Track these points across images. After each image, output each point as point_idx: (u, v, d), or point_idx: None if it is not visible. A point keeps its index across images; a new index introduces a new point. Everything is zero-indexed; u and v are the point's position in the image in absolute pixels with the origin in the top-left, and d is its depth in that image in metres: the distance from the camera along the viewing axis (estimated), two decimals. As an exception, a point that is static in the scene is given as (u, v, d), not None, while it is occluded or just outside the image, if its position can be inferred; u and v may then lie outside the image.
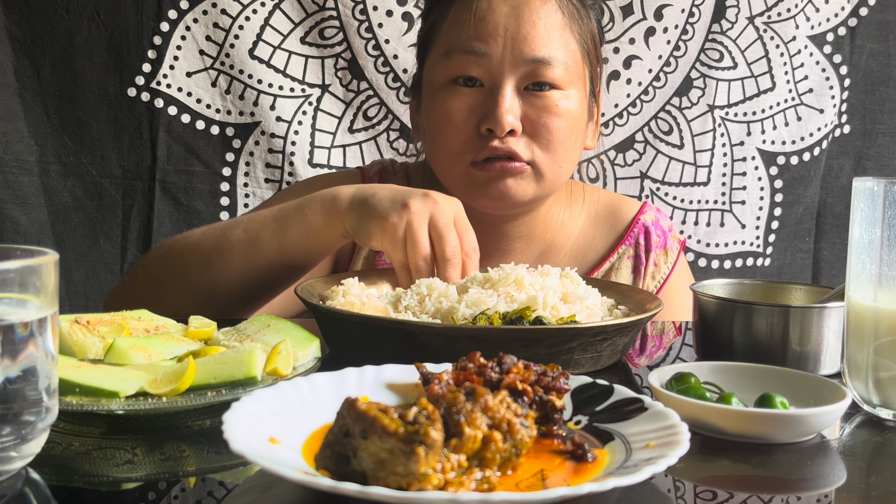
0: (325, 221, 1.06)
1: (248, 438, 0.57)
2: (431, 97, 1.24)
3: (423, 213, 1.01)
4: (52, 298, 0.61)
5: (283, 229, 1.08)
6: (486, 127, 1.18)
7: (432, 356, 0.81)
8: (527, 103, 1.19)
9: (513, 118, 1.17)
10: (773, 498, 0.62)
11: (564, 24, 1.21)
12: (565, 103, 1.20)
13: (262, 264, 1.09)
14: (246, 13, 1.77)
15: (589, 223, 1.40)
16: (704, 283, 1.02)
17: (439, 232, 1.01)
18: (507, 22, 1.18)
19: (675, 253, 1.40)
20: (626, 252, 1.38)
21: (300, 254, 1.09)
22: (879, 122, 1.98)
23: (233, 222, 1.14)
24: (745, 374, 0.81)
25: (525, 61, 1.17)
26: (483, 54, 1.18)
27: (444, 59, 1.21)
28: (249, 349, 0.78)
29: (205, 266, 1.11)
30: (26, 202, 1.75)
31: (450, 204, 1.04)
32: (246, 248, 1.09)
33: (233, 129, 1.80)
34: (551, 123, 1.19)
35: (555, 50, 1.19)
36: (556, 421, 0.66)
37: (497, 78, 1.18)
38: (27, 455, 0.61)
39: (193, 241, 1.14)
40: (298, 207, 1.08)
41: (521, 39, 1.17)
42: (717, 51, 1.90)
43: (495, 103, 1.17)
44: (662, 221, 1.42)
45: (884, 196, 0.77)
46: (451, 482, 0.54)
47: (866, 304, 0.79)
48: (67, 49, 1.73)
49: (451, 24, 1.21)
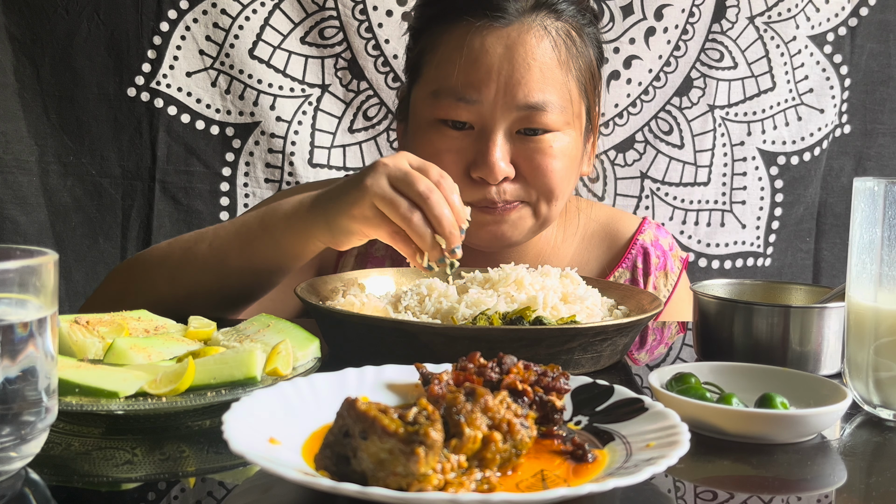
0: (293, 237, 1.01)
1: (248, 438, 0.57)
2: (419, 132, 1.17)
3: (381, 179, 0.94)
4: (51, 298, 0.61)
5: (248, 246, 1.04)
6: (477, 175, 1.12)
7: (432, 356, 0.81)
8: (519, 146, 1.13)
9: (505, 165, 1.11)
10: (773, 498, 0.62)
11: (561, 63, 1.13)
12: (559, 144, 1.14)
13: (234, 278, 1.06)
14: (246, 13, 1.77)
15: (584, 245, 1.34)
16: (704, 283, 1.02)
17: (404, 181, 0.93)
18: (500, 65, 1.10)
19: (675, 274, 1.34)
20: (622, 276, 1.32)
21: (272, 267, 1.06)
22: (880, 122, 1.98)
23: (197, 236, 1.09)
24: (745, 375, 0.81)
25: (518, 107, 1.11)
26: (474, 102, 1.11)
27: (433, 99, 1.14)
28: (249, 349, 0.78)
29: (173, 282, 1.08)
30: (26, 202, 1.75)
31: (397, 157, 0.97)
32: (214, 265, 1.06)
33: (233, 129, 1.80)
34: (546, 165, 1.13)
35: (549, 94, 1.12)
36: (556, 421, 0.66)
37: (488, 123, 1.12)
38: (27, 455, 0.61)
39: (159, 257, 1.10)
40: (262, 223, 1.04)
41: (514, 84, 1.10)
42: (718, 51, 1.90)
43: (486, 150, 1.11)
44: (663, 240, 1.35)
45: (884, 196, 0.77)
46: (451, 482, 0.54)
47: (867, 304, 0.79)
48: (67, 49, 1.73)
49: (441, 59, 1.14)
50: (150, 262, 1.12)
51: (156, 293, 1.08)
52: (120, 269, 1.18)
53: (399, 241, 0.96)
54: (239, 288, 1.08)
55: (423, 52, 1.18)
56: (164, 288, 1.08)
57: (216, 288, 1.07)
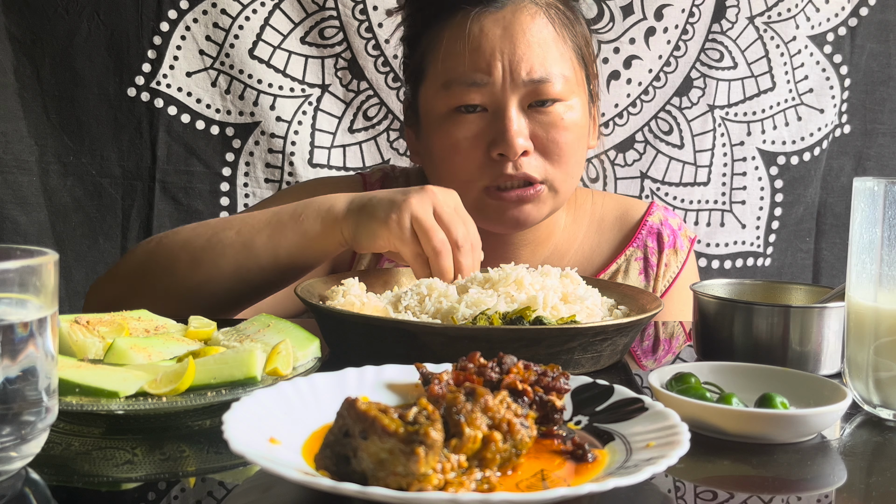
0: (322, 229, 1.05)
1: (248, 438, 0.57)
2: (434, 127, 1.22)
3: (426, 204, 1.00)
4: (51, 298, 0.61)
5: (277, 234, 1.06)
6: (497, 152, 1.17)
7: (432, 356, 0.81)
8: (533, 121, 1.19)
9: (523, 140, 1.17)
10: (773, 498, 0.62)
11: (557, 37, 1.20)
12: (570, 115, 1.20)
13: (254, 268, 1.08)
14: (246, 13, 1.77)
15: (594, 227, 1.39)
16: (704, 283, 1.02)
17: (445, 222, 1.01)
18: (502, 45, 1.16)
19: (685, 252, 1.39)
20: (633, 254, 1.37)
21: (295, 260, 1.08)
22: (879, 122, 1.98)
23: (225, 222, 1.11)
24: (745, 374, 0.81)
25: (525, 83, 1.17)
26: (484, 83, 1.17)
27: (444, 91, 1.19)
28: (249, 349, 0.78)
29: (194, 265, 1.09)
30: (26, 202, 1.75)
31: (449, 195, 1.04)
32: (238, 250, 1.07)
33: (233, 129, 1.80)
34: (560, 138, 1.19)
35: (552, 66, 1.18)
36: (556, 421, 0.66)
37: (501, 102, 1.17)
38: (27, 455, 0.61)
39: (184, 239, 1.11)
40: (294, 214, 1.06)
41: (518, 62, 1.16)
42: (718, 51, 1.90)
43: (503, 127, 1.16)
44: (672, 220, 1.40)
45: (884, 196, 0.77)
46: (451, 482, 0.54)
47: (867, 304, 0.79)
48: (67, 49, 1.73)
49: (446, 54, 1.19)
50: (174, 244, 1.12)
51: (174, 276, 1.10)
52: (142, 246, 1.17)
53: (420, 264, 1.01)
54: (257, 280, 1.09)
55: (425, 53, 1.23)
56: (183, 271, 1.09)
57: (234, 276, 1.08)
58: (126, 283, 1.14)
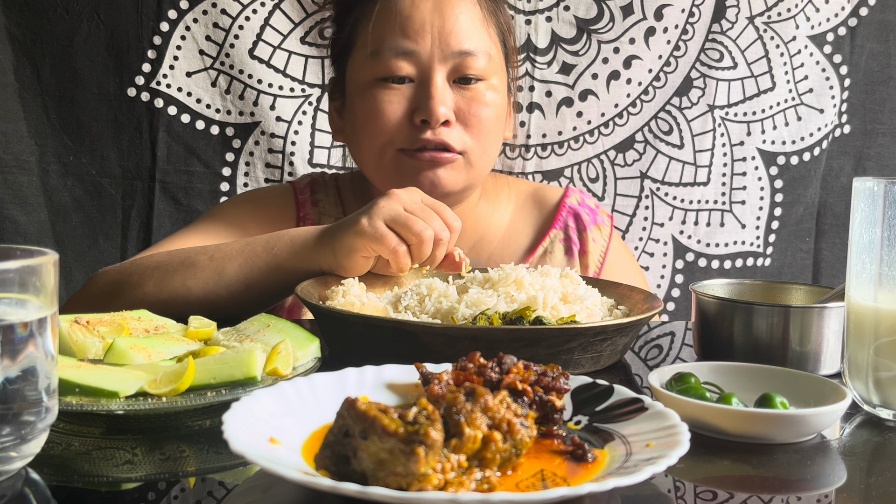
0: (296, 259, 1.06)
1: (248, 438, 0.57)
2: (359, 95, 1.26)
3: (394, 204, 1.03)
4: (51, 298, 0.61)
5: (249, 263, 1.08)
6: (420, 118, 1.21)
7: (432, 356, 0.81)
8: (457, 95, 1.24)
9: (445, 109, 1.21)
10: (773, 498, 0.62)
11: (483, 18, 1.26)
12: (491, 94, 1.26)
13: (224, 293, 1.09)
14: (246, 13, 1.77)
15: (517, 213, 1.44)
16: (704, 283, 1.02)
17: (418, 216, 1.02)
18: (432, 18, 1.22)
19: (607, 227, 1.45)
20: (557, 236, 1.42)
21: (264, 288, 1.09)
22: (879, 122, 1.98)
23: (200, 248, 1.13)
24: (745, 374, 0.81)
25: (453, 54, 1.22)
26: (412, 52, 1.22)
27: (372, 59, 1.23)
28: (249, 349, 0.78)
29: (163, 283, 1.10)
30: (26, 202, 1.75)
31: (412, 192, 1.07)
32: (209, 275, 1.09)
33: (233, 128, 1.80)
34: (481, 112, 1.24)
35: (478, 42, 1.24)
36: (556, 421, 0.66)
37: (427, 72, 1.22)
38: (27, 455, 0.61)
39: (157, 261, 1.13)
40: (267, 245, 1.09)
41: (447, 34, 1.22)
42: (717, 51, 1.90)
43: (428, 94, 1.21)
44: (588, 200, 1.47)
45: (884, 196, 0.77)
46: (451, 482, 0.54)
47: (866, 304, 0.79)
48: (67, 49, 1.73)
49: (376, 24, 1.24)
50: (147, 263, 1.14)
51: (143, 290, 1.10)
52: (108, 270, 1.19)
53: (399, 255, 1.02)
54: (225, 305, 1.09)
55: (355, 24, 1.28)
56: (151, 287, 1.10)
57: (202, 299, 1.09)
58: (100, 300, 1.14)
